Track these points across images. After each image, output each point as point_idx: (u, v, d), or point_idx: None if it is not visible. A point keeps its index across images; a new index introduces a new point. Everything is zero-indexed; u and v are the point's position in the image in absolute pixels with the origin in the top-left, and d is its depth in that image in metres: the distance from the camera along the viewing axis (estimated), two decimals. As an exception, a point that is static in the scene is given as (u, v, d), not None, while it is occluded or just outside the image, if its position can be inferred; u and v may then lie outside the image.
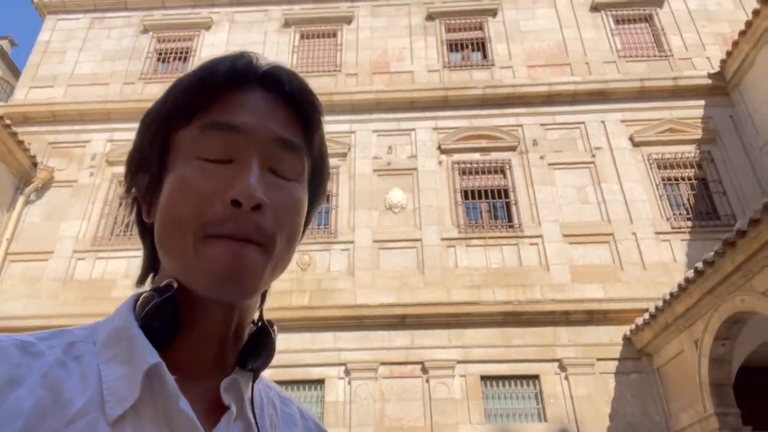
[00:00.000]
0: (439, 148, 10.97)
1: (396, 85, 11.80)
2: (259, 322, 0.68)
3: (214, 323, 0.63)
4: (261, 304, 0.69)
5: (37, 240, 10.24)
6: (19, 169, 10.59)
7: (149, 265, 0.69)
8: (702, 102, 11.05)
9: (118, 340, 0.59)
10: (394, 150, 11.00)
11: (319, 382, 8.68)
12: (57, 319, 8.84)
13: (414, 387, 8.62)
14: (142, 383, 0.56)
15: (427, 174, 10.66)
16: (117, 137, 11.44)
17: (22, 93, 12.27)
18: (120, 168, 11.10)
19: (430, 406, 8.41)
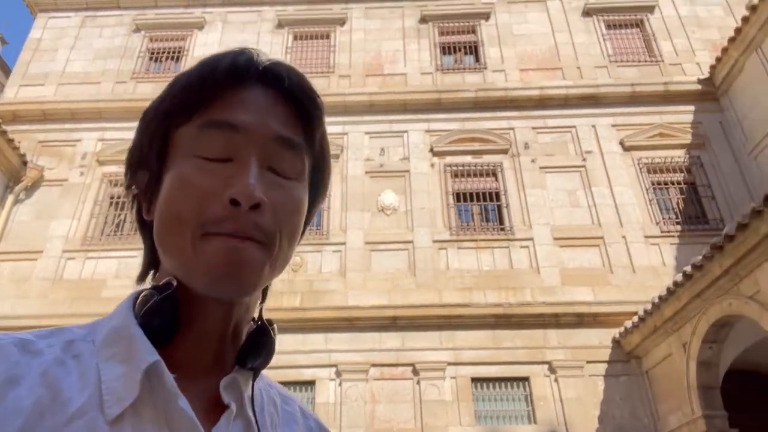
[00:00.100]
0: (432, 150, 11.01)
1: (389, 87, 11.82)
2: (259, 320, 0.68)
3: (213, 321, 0.63)
4: (261, 302, 0.69)
5: (27, 239, 10.16)
6: (9, 168, 10.51)
7: (149, 263, 0.69)
8: (692, 107, 11.16)
9: (117, 338, 0.59)
10: (386, 152, 11.02)
11: (310, 383, 8.67)
12: (46, 319, 8.77)
13: (404, 389, 8.63)
14: (141, 382, 0.55)
15: (420, 176, 10.68)
16: (108, 136, 11.37)
17: (12, 91, 12.17)
18: (111, 167, 11.05)
19: (420, 407, 8.43)
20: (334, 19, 13.06)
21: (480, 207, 10.51)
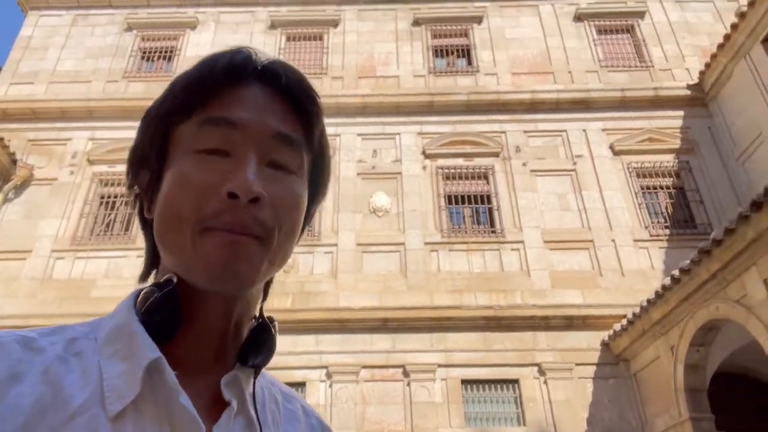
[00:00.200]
0: (424, 152, 11.04)
1: (382, 90, 11.84)
2: (260, 318, 0.68)
3: (214, 317, 0.63)
4: (263, 300, 0.69)
5: (15, 238, 10.07)
6: (-2, 167, 10.43)
7: (151, 262, 0.69)
8: (681, 112, 11.28)
9: (119, 336, 0.59)
10: (378, 154, 11.05)
11: (301, 384, 8.66)
12: (34, 319, 8.70)
13: (395, 390, 8.65)
14: (142, 379, 0.56)
15: (412, 178, 10.71)
16: (99, 136, 11.31)
17: (1, 89, 12.06)
18: (101, 167, 10.99)
19: (410, 409, 8.45)
20: (327, 21, 13.07)
21: (471, 209, 10.56)
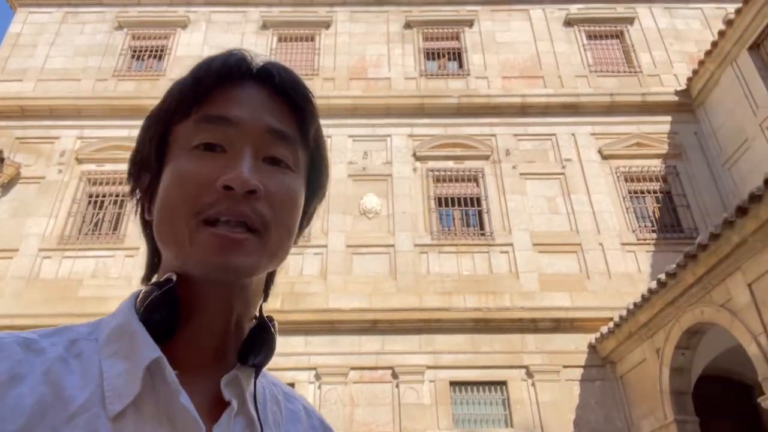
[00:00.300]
0: (414, 155, 11.08)
1: (373, 91, 11.87)
2: (259, 318, 0.68)
3: (214, 314, 0.63)
4: (264, 301, 0.70)
5: (2, 237, 9.96)
6: (-15, 164, 10.33)
7: (153, 264, 0.70)
8: (669, 118, 11.41)
9: (120, 335, 0.60)
10: (369, 156, 11.06)
11: (290, 386, 8.61)
12: (20, 319, 8.63)
13: (383, 392, 8.67)
14: (143, 378, 0.56)
15: (402, 180, 10.74)
16: (87, 134, 11.23)
17: (-11, 86, 11.96)
18: (90, 166, 10.91)
19: (399, 411, 8.47)
20: (319, 22, 13.07)
21: (461, 212, 10.61)
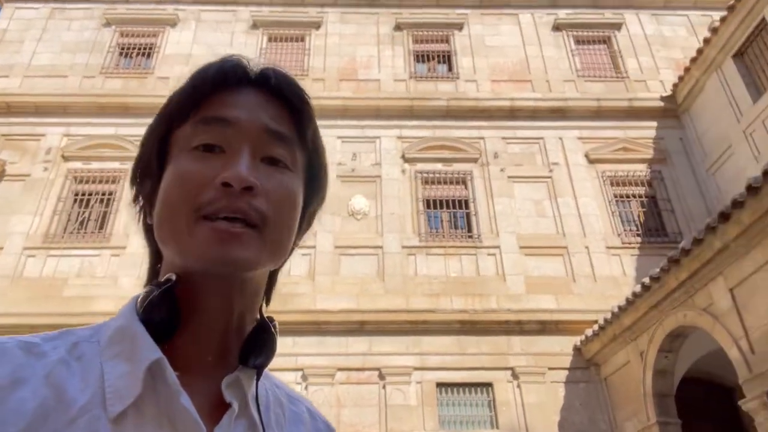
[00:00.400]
0: (403, 156, 11.11)
1: (363, 93, 11.88)
2: (260, 319, 0.69)
3: (215, 313, 0.64)
4: (266, 304, 0.71)
5: (-15, 235, 9.86)
6: (-31, 161, 10.21)
7: (155, 269, 0.70)
8: (654, 123, 11.56)
9: (121, 337, 0.60)
10: (358, 157, 11.08)
11: (276, 386, 8.64)
12: (4, 318, 8.54)
13: (370, 393, 8.69)
14: (144, 380, 0.56)
15: (391, 182, 10.78)
16: (74, 132, 11.13)
17: (-26, 82, 11.81)
18: (76, 164, 10.82)
19: (385, 412, 8.50)
20: (309, 23, 13.06)
21: (449, 214, 10.66)
